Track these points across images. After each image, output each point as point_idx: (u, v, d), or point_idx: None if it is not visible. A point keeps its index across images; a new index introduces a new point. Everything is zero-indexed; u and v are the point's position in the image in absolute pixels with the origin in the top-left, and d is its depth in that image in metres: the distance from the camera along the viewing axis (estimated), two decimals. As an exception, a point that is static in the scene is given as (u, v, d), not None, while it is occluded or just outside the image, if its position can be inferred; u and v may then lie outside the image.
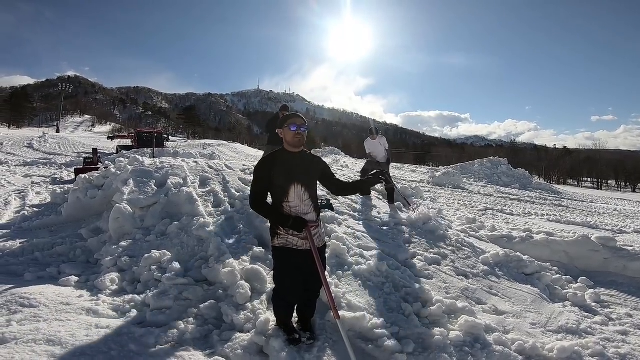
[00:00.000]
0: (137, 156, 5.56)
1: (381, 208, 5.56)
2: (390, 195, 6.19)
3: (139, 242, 3.82)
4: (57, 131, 43.19)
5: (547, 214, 10.47)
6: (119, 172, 5.37)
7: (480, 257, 4.34)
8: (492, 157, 22.07)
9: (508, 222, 8.71)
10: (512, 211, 10.66)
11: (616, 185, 64.36)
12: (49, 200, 6.94)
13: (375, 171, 2.53)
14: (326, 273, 2.66)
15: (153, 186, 4.59)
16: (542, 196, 15.03)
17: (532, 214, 10.36)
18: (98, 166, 11.22)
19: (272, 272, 2.50)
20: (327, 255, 3.09)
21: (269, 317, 2.63)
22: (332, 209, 4.59)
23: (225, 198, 4.56)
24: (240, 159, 22.58)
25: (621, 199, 20.41)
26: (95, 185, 5.74)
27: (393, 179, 6.84)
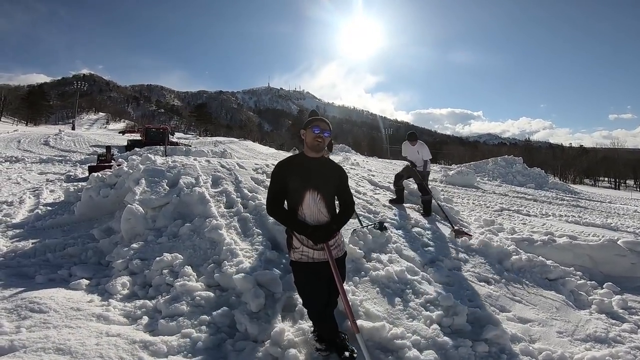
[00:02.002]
0: (150, 155, 5.50)
1: (399, 211, 5.38)
2: (427, 207, 5.69)
3: (151, 244, 3.75)
4: (73, 128, 44.05)
5: (565, 215, 10.14)
6: (131, 171, 5.32)
7: (503, 262, 4.18)
8: (506, 156, 21.61)
9: (525, 224, 8.46)
10: (529, 212, 10.35)
11: (635, 185, 62.37)
12: (62, 198, 6.97)
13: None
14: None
15: (165, 186, 4.51)
16: (558, 196, 14.61)
17: (550, 215, 10.05)
18: (111, 164, 11.29)
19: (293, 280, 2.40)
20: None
21: (284, 327, 2.52)
22: (386, 230, 4.16)
23: (238, 199, 4.46)
24: (251, 157, 22.60)
25: None
26: (108, 184, 5.71)
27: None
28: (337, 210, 2.26)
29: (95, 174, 6.10)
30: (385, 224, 4.26)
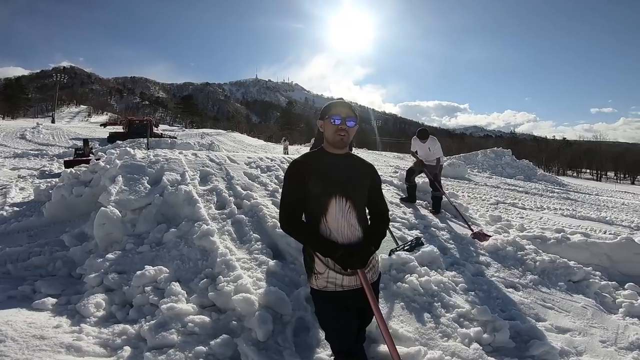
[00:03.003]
0: (129, 148, 4.90)
1: (407, 209, 4.96)
2: (437, 203, 5.31)
3: (130, 253, 3.22)
4: (53, 122, 42.50)
5: (559, 208, 10.08)
6: (108, 166, 4.73)
7: (525, 264, 3.89)
8: (495, 148, 21.60)
9: (523, 217, 8.35)
10: (524, 205, 10.24)
11: (615, 177, 64.18)
12: (32, 197, 6.29)
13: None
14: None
15: (146, 184, 3.95)
16: (548, 188, 14.59)
17: (545, 208, 9.96)
18: (89, 158, 10.54)
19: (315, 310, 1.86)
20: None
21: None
22: (422, 245, 3.66)
23: (231, 197, 3.94)
24: (240, 149, 21.92)
25: (624, 191, 20.03)
26: (83, 181, 5.10)
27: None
28: (369, 223, 1.73)
29: (69, 170, 5.49)
30: (422, 239, 3.78)
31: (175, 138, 20.86)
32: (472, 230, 4.67)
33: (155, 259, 3.12)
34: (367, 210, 1.73)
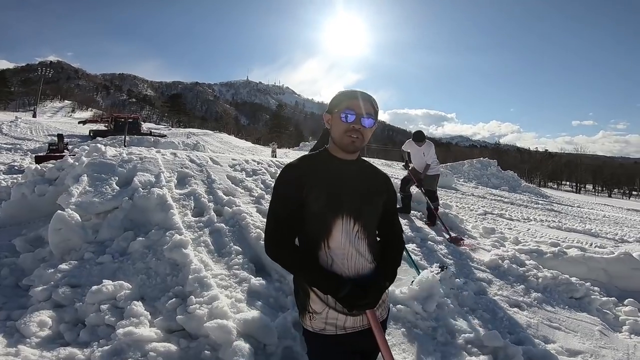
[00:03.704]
0: (99, 145, 4.44)
1: (402, 220, 4.67)
2: (432, 215, 5.04)
3: (88, 263, 2.79)
4: (34, 116, 41.01)
5: (545, 220, 10.15)
6: (77, 164, 4.27)
7: (527, 281, 3.75)
8: (481, 158, 21.80)
9: (511, 229, 8.31)
10: (511, 216, 10.25)
11: (593, 190, 66.28)
12: (-9, 194, 5.71)
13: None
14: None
15: (114, 185, 3.52)
16: (532, 199, 14.76)
17: (531, 220, 10.01)
18: (63, 154, 9.91)
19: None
20: None
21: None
22: (446, 269, 3.27)
23: (210, 203, 3.55)
24: (227, 150, 21.36)
25: (604, 204, 20.69)
26: (48, 179, 4.60)
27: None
28: (382, 249, 1.33)
29: (34, 166, 5.00)
30: (448, 266, 3.43)
31: (165, 136, 20.11)
32: (450, 235, 4.51)
33: (117, 272, 2.71)
34: (377, 232, 1.35)
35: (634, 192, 61.74)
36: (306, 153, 1.38)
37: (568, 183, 70.57)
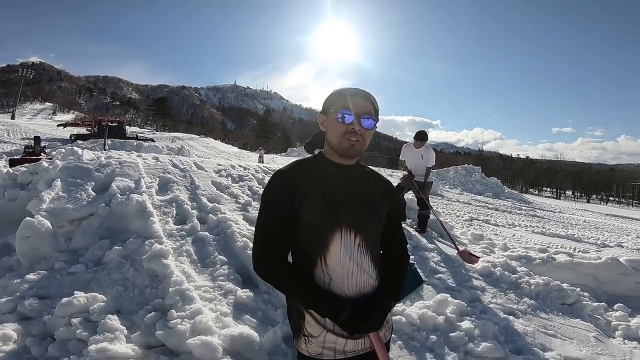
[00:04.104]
0: (75, 148, 4.20)
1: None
2: (423, 222, 4.88)
3: (59, 273, 2.58)
4: (12, 117, 39.63)
5: (529, 225, 10.32)
6: (50, 167, 4.02)
7: (520, 288, 3.71)
8: (466, 165, 22.18)
9: (497, 234, 8.39)
10: (497, 222, 10.38)
11: (573, 196, 68.43)
12: (-43, 199, 5.35)
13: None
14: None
15: (90, 190, 3.30)
16: (515, 205, 15.04)
17: (516, 225, 10.16)
18: (40, 157, 9.50)
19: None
20: None
21: None
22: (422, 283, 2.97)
23: (194, 210, 3.37)
24: (212, 155, 21.01)
25: (584, 209, 21.39)
26: (20, 183, 4.33)
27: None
28: (385, 263, 1.19)
29: (5, 170, 4.70)
30: (414, 266, 3.09)
31: (153, 141, 19.54)
32: (457, 249, 4.38)
33: (91, 283, 2.51)
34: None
35: (611, 198, 64.09)
36: (298, 158, 1.24)
37: (549, 189, 72.69)
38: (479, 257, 4.11)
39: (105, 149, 9.18)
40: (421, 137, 4.96)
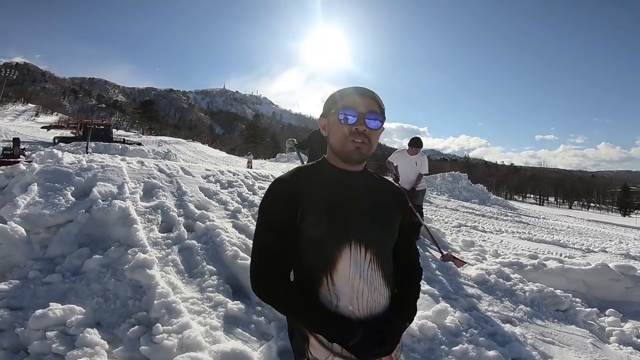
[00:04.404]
0: (55, 150, 3.98)
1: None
2: (416, 230, 4.77)
3: (33, 283, 2.40)
4: (-7, 118, 38.16)
5: (516, 231, 10.47)
6: (27, 171, 3.80)
7: (515, 295, 3.70)
8: (453, 172, 22.49)
9: (485, 240, 8.45)
10: (484, 228, 10.49)
11: (556, 202, 70.27)
12: None
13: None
14: None
15: (69, 196, 3.11)
16: (502, 212, 15.27)
17: (503, 231, 10.29)
18: (19, 160, 9.12)
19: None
20: None
21: None
22: None
23: (180, 218, 3.21)
24: (200, 160, 20.66)
25: (567, 215, 21.96)
26: (-6, 188, 4.09)
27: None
28: (397, 278, 1.08)
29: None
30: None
31: (141, 145, 19.00)
32: (442, 253, 4.27)
33: (68, 294, 2.34)
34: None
35: (592, 204, 66.04)
36: (297, 164, 1.10)
37: (532, 196, 74.41)
38: (464, 262, 4.03)
39: (87, 152, 8.87)
40: (416, 144, 4.89)
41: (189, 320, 2.12)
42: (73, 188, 3.22)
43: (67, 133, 24.44)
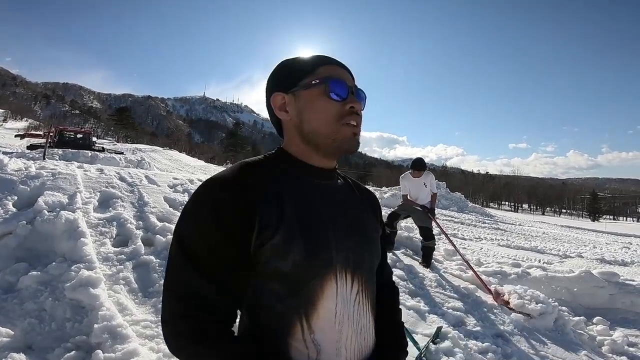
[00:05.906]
0: (1, 156, 3.58)
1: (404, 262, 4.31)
2: (428, 256, 4.57)
3: (-44, 307, 2.05)
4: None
5: (495, 239, 10.56)
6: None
7: (502, 308, 3.61)
8: (432, 181, 22.85)
9: (465, 248, 8.45)
10: (464, 235, 10.53)
11: (529, 209, 72.88)
12: None
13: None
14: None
15: (10, 206, 2.76)
16: (479, 219, 15.51)
17: (482, 239, 10.35)
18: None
19: None
20: None
21: None
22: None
23: (138, 230, 2.92)
24: (176, 169, 19.96)
25: (541, 222, 22.62)
26: None
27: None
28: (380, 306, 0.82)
29: None
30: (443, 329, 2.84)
31: (123, 153, 17.97)
32: (491, 292, 3.87)
33: (-3, 316, 2.01)
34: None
35: (563, 210, 68.91)
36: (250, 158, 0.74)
37: (507, 203, 76.89)
38: (508, 302, 3.72)
39: (44, 159, 8.26)
40: (419, 167, 4.68)
41: (137, 346, 1.84)
42: (16, 197, 2.87)
43: (41, 141, 22.88)
